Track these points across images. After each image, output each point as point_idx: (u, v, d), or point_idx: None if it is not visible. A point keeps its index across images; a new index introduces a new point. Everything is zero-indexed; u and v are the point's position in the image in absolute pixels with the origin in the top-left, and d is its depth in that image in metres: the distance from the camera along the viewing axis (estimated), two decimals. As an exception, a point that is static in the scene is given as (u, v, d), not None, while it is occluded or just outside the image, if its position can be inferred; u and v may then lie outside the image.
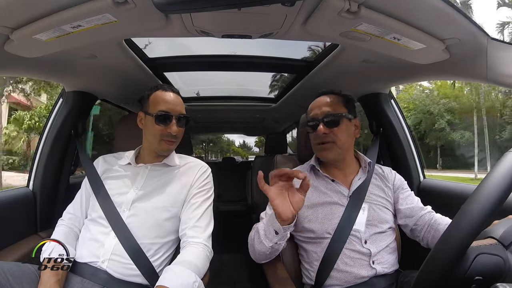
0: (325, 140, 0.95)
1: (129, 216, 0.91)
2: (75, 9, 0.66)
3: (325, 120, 0.95)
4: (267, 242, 0.83)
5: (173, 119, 0.96)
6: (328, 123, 0.95)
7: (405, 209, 0.98)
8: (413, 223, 0.96)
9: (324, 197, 0.97)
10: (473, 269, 0.47)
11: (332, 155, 0.97)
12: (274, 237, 0.81)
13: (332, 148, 0.96)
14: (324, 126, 0.95)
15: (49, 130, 1.26)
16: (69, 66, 1.07)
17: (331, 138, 0.95)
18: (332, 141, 0.95)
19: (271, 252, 0.87)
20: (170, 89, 1.02)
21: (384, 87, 1.36)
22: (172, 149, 1.01)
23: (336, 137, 0.95)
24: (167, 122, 0.95)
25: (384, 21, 0.71)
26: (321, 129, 0.94)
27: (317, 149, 0.99)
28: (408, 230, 0.99)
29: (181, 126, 0.98)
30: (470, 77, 0.96)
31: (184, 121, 1.00)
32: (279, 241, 0.83)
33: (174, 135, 0.96)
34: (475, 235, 0.46)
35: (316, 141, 0.99)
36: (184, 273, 0.77)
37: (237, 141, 33.81)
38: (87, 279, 0.84)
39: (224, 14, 0.72)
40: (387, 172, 1.06)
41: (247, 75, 1.86)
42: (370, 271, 0.88)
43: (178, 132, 0.97)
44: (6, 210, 1.05)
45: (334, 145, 0.95)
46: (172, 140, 0.97)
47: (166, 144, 0.97)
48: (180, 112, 0.98)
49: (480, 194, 0.47)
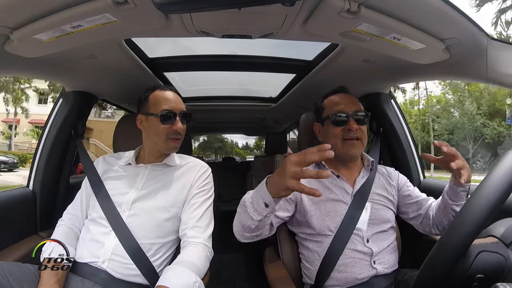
0: (355, 135, 0.96)
1: (129, 216, 0.91)
2: (75, 9, 0.66)
3: (355, 117, 0.96)
4: (256, 215, 0.71)
5: (177, 117, 0.97)
6: (358, 120, 0.96)
7: (415, 202, 0.99)
8: (425, 211, 0.97)
9: (328, 193, 0.97)
10: (475, 267, 0.47)
11: (358, 151, 0.98)
12: (263, 210, 0.70)
13: (359, 145, 0.97)
14: (354, 122, 0.96)
15: (49, 130, 1.26)
16: (69, 66, 1.07)
17: (359, 134, 0.96)
18: (359, 138, 0.96)
19: (257, 227, 0.76)
20: (168, 88, 1.02)
21: (384, 87, 1.36)
22: (178, 146, 1.01)
23: (363, 135, 0.97)
24: (172, 120, 0.96)
25: (384, 21, 0.71)
26: (354, 125, 0.95)
27: (345, 144, 0.97)
28: (418, 222, 0.99)
29: (184, 123, 1.00)
30: (470, 77, 0.96)
31: (187, 117, 1.01)
32: (268, 214, 0.71)
33: (180, 132, 0.98)
34: (476, 233, 0.46)
35: (344, 136, 0.97)
36: (184, 273, 0.77)
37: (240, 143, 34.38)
38: (87, 279, 0.84)
39: (224, 14, 0.72)
40: (390, 172, 1.07)
41: (247, 75, 1.86)
42: (371, 271, 0.88)
43: (183, 129, 0.99)
44: (6, 210, 1.05)
45: (360, 142, 0.97)
46: (178, 137, 0.99)
47: (172, 142, 0.98)
48: (182, 109, 1.00)
49: (481, 192, 0.47)
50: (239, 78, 2.02)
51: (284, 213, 0.94)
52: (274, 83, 2.01)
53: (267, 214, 0.71)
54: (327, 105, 1.03)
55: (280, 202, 0.77)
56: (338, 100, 1.01)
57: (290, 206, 0.96)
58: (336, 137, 0.97)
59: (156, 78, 1.45)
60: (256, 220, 0.72)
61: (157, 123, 0.95)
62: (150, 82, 1.37)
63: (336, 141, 0.97)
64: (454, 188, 0.84)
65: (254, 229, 0.76)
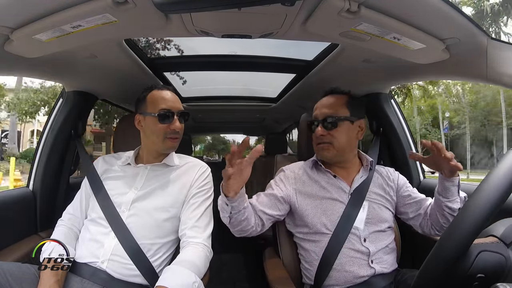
0: (322, 141, 0.98)
1: (128, 216, 0.91)
2: (75, 9, 0.66)
3: (324, 122, 0.98)
4: (224, 213, 0.84)
5: (175, 116, 0.97)
6: (326, 125, 0.97)
7: (415, 202, 0.99)
8: (424, 211, 0.97)
9: (324, 192, 0.97)
10: (475, 266, 0.48)
11: (329, 155, 0.98)
12: (226, 208, 0.82)
13: (329, 149, 0.97)
14: (322, 127, 0.97)
15: (49, 130, 1.26)
16: (69, 66, 1.07)
17: (328, 139, 0.97)
18: (329, 142, 0.97)
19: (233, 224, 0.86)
20: (166, 87, 1.02)
21: (384, 87, 1.36)
22: (176, 146, 1.01)
23: (334, 139, 0.97)
24: (169, 119, 0.96)
25: (384, 21, 0.71)
26: (318, 130, 0.98)
27: (315, 148, 1.02)
28: (418, 223, 0.99)
29: (182, 122, 1.00)
30: (470, 77, 0.96)
31: (185, 117, 1.02)
32: (233, 212, 0.83)
33: (178, 132, 0.98)
34: (476, 233, 0.46)
35: (314, 141, 1.02)
36: (184, 273, 0.77)
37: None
38: (86, 279, 0.84)
39: (224, 14, 0.72)
40: (390, 172, 1.07)
41: (247, 75, 1.86)
42: (369, 271, 0.88)
43: (181, 129, 0.99)
44: (6, 210, 1.05)
45: (331, 146, 0.97)
46: (176, 136, 0.99)
47: (170, 142, 0.98)
48: (180, 109, 1.00)
49: (482, 191, 0.47)
50: (239, 78, 2.02)
51: (274, 211, 0.96)
52: (274, 83, 2.01)
53: (233, 212, 0.82)
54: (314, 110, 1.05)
55: (267, 200, 0.94)
56: (316, 106, 1.05)
57: (281, 206, 0.97)
58: (314, 142, 1.02)
59: (156, 78, 1.45)
60: (227, 217, 0.84)
61: (155, 123, 0.95)
62: (150, 82, 1.36)
63: (314, 145, 1.03)
64: (444, 184, 0.85)
65: (234, 225, 0.86)
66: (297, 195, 0.98)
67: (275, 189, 0.99)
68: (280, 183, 1.01)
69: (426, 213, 0.96)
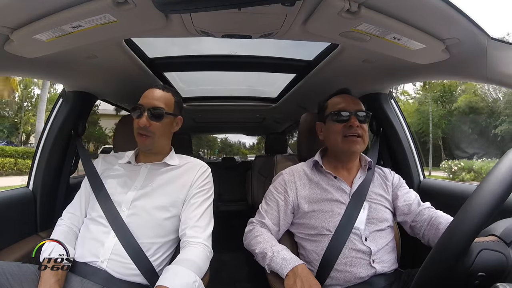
0: (356, 132, 0.97)
1: (128, 215, 0.91)
2: (75, 9, 0.66)
3: (357, 115, 0.98)
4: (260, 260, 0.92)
5: (144, 112, 0.94)
6: (360, 118, 0.98)
7: (403, 206, 0.99)
8: (411, 219, 0.97)
9: (325, 194, 0.97)
10: (476, 265, 0.48)
11: (358, 148, 0.98)
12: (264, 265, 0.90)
13: (360, 142, 0.97)
14: (356, 119, 0.97)
15: (49, 130, 1.26)
16: (69, 66, 1.07)
17: (361, 132, 0.97)
18: (360, 136, 0.97)
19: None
20: (161, 86, 1.01)
21: (384, 87, 1.36)
22: (147, 144, 0.96)
23: (364, 133, 0.98)
24: (138, 115, 0.95)
25: (384, 21, 0.71)
26: (355, 121, 0.96)
27: (345, 140, 0.97)
28: (407, 227, 0.99)
29: (154, 119, 0.94)
30: (470, 77, 0.96)
31: (159, 114, 0.95)
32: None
33: (143, 127, 0.93)
34: (477, 231, 0.46)
35: (345, 132, 0.97)
36: (184, 273, 0.77)
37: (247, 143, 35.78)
38: (87, 279, 0.84)
39: (224, 14, 0.72)
40: (387, 172, 1.07)
41: (247, 75, 1.86)
42: (370, 271, 0.88)
43: (150, 125, 0.94)
44: (6, 210, 1.05)
45: (361, 140, 0.97)
46: (144, 133, 0.94)
47: (139, 138, 0.96)
48: (153, 105, 0.95)
49: (482, 191, 0.47)
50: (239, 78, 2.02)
51: (287, 226, 1.02)
52: (274, 83, 2.01)
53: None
54: (330, 104, 1.04)
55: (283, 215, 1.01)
56: (341, 99, 1.03)
57: (290, 218, 1.01)
58: (337, 134, 0.98)
59: (156, 78, 1.45)
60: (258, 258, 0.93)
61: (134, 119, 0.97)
62: (150, 82, 1.37)
63: (336, 138, 0.98)
64: None
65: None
66: (298, 199, 0.99)
67: (279, 200, 1.00)
68: (281, 188, 1.01)
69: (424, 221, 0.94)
